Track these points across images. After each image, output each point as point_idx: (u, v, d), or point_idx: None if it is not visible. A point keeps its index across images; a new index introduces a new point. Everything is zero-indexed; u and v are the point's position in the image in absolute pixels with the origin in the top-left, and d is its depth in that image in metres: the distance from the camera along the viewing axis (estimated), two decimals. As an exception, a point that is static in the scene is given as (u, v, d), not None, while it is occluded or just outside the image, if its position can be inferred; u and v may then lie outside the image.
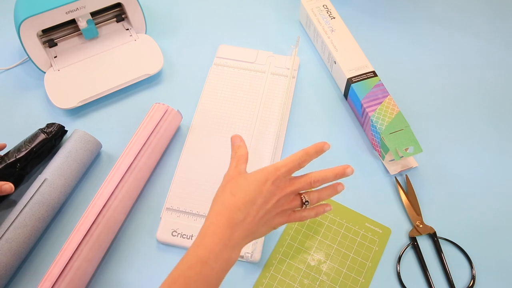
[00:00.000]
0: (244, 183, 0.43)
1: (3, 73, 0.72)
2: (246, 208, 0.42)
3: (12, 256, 0.52)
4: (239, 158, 0.46)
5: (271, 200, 0.43)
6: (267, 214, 0.43)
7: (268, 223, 0.44)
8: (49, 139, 0.60)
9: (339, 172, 0.47)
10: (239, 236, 0.41)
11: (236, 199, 0.42)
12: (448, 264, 0.54)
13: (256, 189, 0.42)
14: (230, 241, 0.40)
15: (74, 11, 0.65)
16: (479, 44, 0.75)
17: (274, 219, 0.45)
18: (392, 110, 0.61)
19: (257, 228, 0.43)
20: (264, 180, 0.43)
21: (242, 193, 0.42)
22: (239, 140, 0.48)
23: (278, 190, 0.44)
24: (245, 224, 0.41)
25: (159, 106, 0.62)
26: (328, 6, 0.72)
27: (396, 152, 0.58)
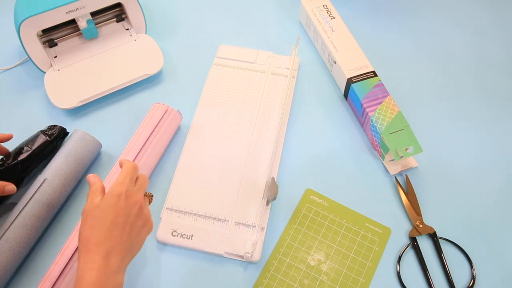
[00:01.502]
0: (99, 212, 0.43)
1: (3, 73, 0.72)
2: (111, 233, 0.42)
3: (12, 256, 0.52)
4: (93, 191, 0.45)
5: (132, 211, 0.44)
6: (134, 227, 0.44)
7: (138, 232, 0.45)
8: (51, 141, 0.60)
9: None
10: (116, 261, 0.41)
11: (99, 230, 0.42)
12: (448, 264, 0.54)
13: (113, 211, 0.42)
14: (110, 269, 0.40)
15: (74, 11, 0.65)
16: (478, 43, 0.75)
17: (146, 224, 0.46)
18: (392, 110, 0.61)
19: (132, 242, 0.43)
20: (116, 200, 0.43)
21: (102, 222, 0.42)
22: (93, 178, 0.47)
23: (135, 198, 0.44)
24: (117, 247, 0.42)
25: (159, 106, 0.62)
26: (328, 6, 0.72)
27: (396, 152, 0.58)
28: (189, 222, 0.57)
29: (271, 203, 0.58)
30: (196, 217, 0.57)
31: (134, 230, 0.44)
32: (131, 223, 0.43)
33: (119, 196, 0.43)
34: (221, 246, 0.55)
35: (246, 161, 0.61)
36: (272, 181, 0.58)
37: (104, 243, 0.41)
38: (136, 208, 0.44)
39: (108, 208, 0.43)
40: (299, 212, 0.58)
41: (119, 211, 0.43)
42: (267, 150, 0.62)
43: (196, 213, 0.57)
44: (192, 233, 0.56)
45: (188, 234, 0.56)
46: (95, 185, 0.46)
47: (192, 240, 0.55)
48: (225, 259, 0.55)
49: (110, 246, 0.41)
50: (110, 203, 0.43)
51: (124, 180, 0.45)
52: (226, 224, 0.57)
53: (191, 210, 0.58)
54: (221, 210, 0.58)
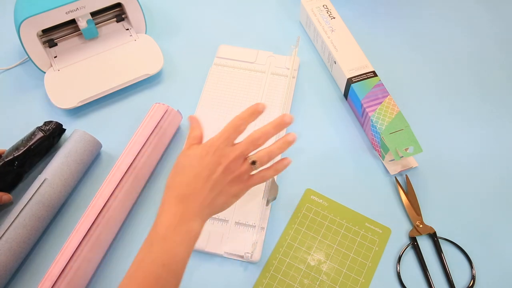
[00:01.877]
0: (186, 161, 0.45)
1: (3, 73, 0.72)
2: (192, 182, 0.43)
3: (12, 256, 0.52)
4: (192, 138, 0.47)
5: (217, 170, 0.44)
6: (217, 184, 0.44)
7: (223, 193, 0.45)
8: (47, 137, 0.60)
9: (278, 122, 0.46)
10: (194, 208, 0.42)
11: (182, 177, 0.44)
12: (448, 264, 0.54)
13: (198, 164, 0.44)
14: (185, 214, 0.42)
15: (74, 11, 0.65)
16: (479, 43, 0.75)
17: (231, 188, 0.45)
18: (392, 110, 0.61)
19: (212, 199, 0.44)
20: (205, 154, 0.44)
21: (186, 170, 0.44)
22: (195, 121, 0.48)
23: (223, 159, 0.44)
24: (196, 196, 0.43)
25: (159, 106, 0.62)
26: (328, 6, 0.72)
27: (396, 152, 0.58)
28: (189, 222, 0.57)
29: (271, 203, 0.58)
30: (196, 217, 0.57)
31: (216, 188, 0.44)
32: (215, 180, 0.44)
33: (207, 151, 0.44)
34: (221, 246, 0.55)
35: (246, 161, 0.61)
36: (272, 181, 0.58)
37: (183, 189, 0.43)
38: (221, 167, 0.44)
39: (195, 159, 0.44)
40: (299, 212, 0.58)
41: (204, 165, 0.44)
42: (267, 150, 0.62)
43: (196, 213, 0.57)
44: (192, 233, 0.56)
45: (188, 234, 0.56)
46: (193, 132, 0.48)
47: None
48: (225, 259, 0.55)
49: (188, 194, 0.43)
50: (198, 155, 0.44)
51: (220, 138, 0.45)
52: (226, 224, 0.57)
53: (191, 210, 0.58)
54: (221, 210, 0.58)
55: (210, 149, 0.44)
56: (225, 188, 0.45)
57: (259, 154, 0.47)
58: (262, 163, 0.47)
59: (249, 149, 0.46)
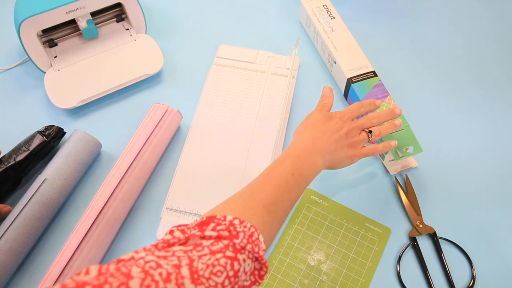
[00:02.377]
0: (318, 117, 0.54)
1: (3, 73, 0.72)
2: (321, 129, 0.52)
3: (12, 256, 0.52)
4: (323, 105, 0.55)
5: (342, 129, 0.52)
6: (340, 140, 0.52)
7: (343, 149, 0.52)
8: (48, 141, 0.60)
9: (391, 111, 0.56)
10: (320, 148, 0.50)
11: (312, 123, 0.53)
12: (448, 264, 0.54)
13: (327, 122, 0.53)
14: (314, 149, 0.50)
15: (74, 11, 0.65)
16: (479, 43, 0.75)
17: (349, 149, 0.53)
18: (392, 110, 0.61)
19: (334, 148, 0.51)
20: (334, 118, 0.54)
21: (318, 122, 0.53)
22: (329, 91, 0.57)
23: (346, 125, 0.53)
24: (323, 140, 0.51)
25: (159, 106, 0.62)
26: (328, 6, 0.72)
27: (396, 152, 0.58)
28: (189, 222, 0.57)
29: (271, 203, 0.58)
30: (196, 217, 0.57)
31: (338, 143, 0.52)
32: (338, 136, 0.52)
33: (336, 117, 0.54)
34: (221, 246, 0.55)
35: (246, 161, 0.61)
36: (272, 181, 0.58)
37: (314, 131, 0.51)
38: (344, 130, 0.52)
39: (325, 118, 0.53)
40: (299, 212, 0.58)
41: (332, 124, 0.52)
42: (267, 150, 0.62)
43: (196, 213, 0.57)
44: (192, 233, 0.56)
45: (188, 234, 0.56)
46: (326, 99, 0.56)
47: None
48: (225, 259, 0.55)
49: (319, 137, 0.51)
50: (328, 116, 0.53)
51: (346, 111, 0.55)
52: (226, 224, 0.57)
53: (191, 210, 0.58)
54: (221, 210, 0.57)
55: (338, 115, 0.54)
56: (345, 146, 0.52)
57: (374, 129, 0.55)
58: (375, 135, 0.55)
59: (366, 124, 0.55)
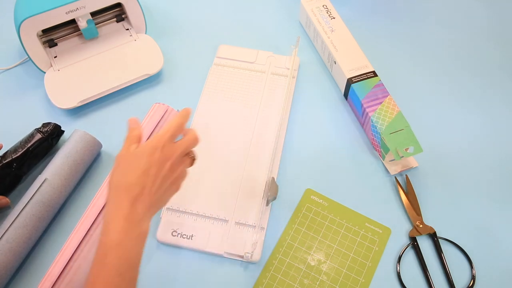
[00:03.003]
0: (133, 159, 0.43)
1: (3, 73, 0.72)
2: (140, 181, 0.42)
3: (12, 256, 0.52)
4: (131, 138, 0.46)
5: (165, 166, 0.44)
6: (166, 180, 0.44)
7: (169, 188, 0.45)
8: (45, 138, 0.60)
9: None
10: (143, 209, 0.42)
11: (129, 176, 0.42)
12: (448, 264, 0.54)
13: (147, 161, 0.43)
14: (135, 216, 0.41)
15: (74, 11, 0.65)
16: (479, 43, 0.75)
17: (175, 183, 0.46)
18: (392, 110, 0.61)
19: (159, 196, 0.44)
20: (153, 151, 0.44)
21: (134, 169, 0.43)
22: (134, 123, 0.48)
23: (170, 154, 0.45)
24: (145, 196, 0.42)
25: (159, 106, 0.62)
26: (328, 6, 0.72)
27: (396, 152, 0.58)
28: (189, 222, 0.57)
29: (271, 203, 0.58)
30: (196, 217, 0.57)
31: (164, 184, 0.44)
32: (163, 177, 0.44)
33: (155, 148, 0.44)
34: (221, 246, 0.55)
35: (246, 161, 0.61)
36: (272, 181, 0.58)
37: (133, 190, 0.42)
38: (169, 163, 0.44)
39: (142, 157, 0.43)
40: (299, 212, 0.58)
41: (152, 162, 0.43)
42: (267, 150, 0.62)
43: (196, 213, 0.57)
44: (192, 233, 0.56)
45: (188, 234, 0.56)
46: (134, 131, 0.47)
47: (192, 240, 0.55)
48: (225, 259, 0.55)
49: (138, 194, 0.42)
50: (145, 152, 0.44)
51: (165, 135, 0.45)
52: (226, 224, 0.57)
53: (191, 210, 0.58)
54: (221, 210, 0.58)
55: (158, 145, 0.44)
56: (171, 184, 0.45)
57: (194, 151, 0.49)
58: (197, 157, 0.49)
59: (191, 146, 0.48)
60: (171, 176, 0.45)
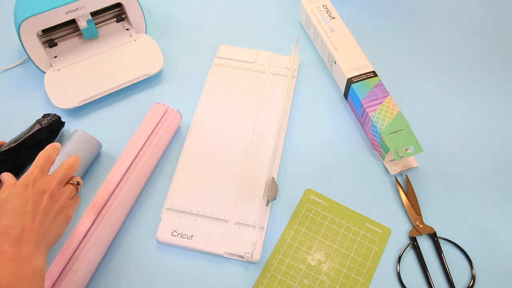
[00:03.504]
0: (6, 204, 0.43)
1: (3, 73, 0.72)
2: (18, 221, 0.41)
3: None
4: (4, 188, 0.45)
5: (42, 200, 0.43)
6: (47, 213, 0.43)
7: (56, 220, 0.44)
8: (44, 129, 0.60)
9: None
10: (29, 247, 0.41)
11: (6, 221, 0.41)
12: (448, 264, 0.54)
13: (19, 201, 0.42)
14: (22, 256, 0.40)
15: (74, 11, 0.65)
16: (479, 42, 0.75)
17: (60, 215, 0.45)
18: (392, 110, 0.61)
19: (45, 230, 0.43)
20: (24, 188, 0.43)
21: (9, 212, 0.42)
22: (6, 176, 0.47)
23: (45, 187, 0.44)
24: (28, 234, 0.41)
25: (159, 106, 0.62)
26: (328, 6, 0.72)
27: (397, 152, 0.58)
28: (189, 222, 0.57)
29: (271, 203, 0.58)
30: (196, 217, 0.57)
31: (46, 218, 0.43)
32: (43, 211, 0.43)
33: (26, 185, 0.43)
34: (221, 246, 0.55)
35: (246, 161, 0.61)
36: (272, 181, 0.58)
37: (11, 232, 0.41)
38: (46, 196, 0.44)
39: (14, 198, 0.43)
40: (299, 212, 0.58)
41: (27, 200, 0.42)
42: (267, 150, 0.62)
43: (196, 213, 0.57)
44: (192, 233, 0.56)
45: (188, 234, 0.56)
46: (6, 182, 0.46)
47: (192, 240, 0.55)
48: (225, 259, 0.55)
49: (19, 234, 0.41)
50: (16, 193, 0.43)
51: (33, 170, 0.45)
52: (226, 224, 0.57)
53: (191, 210, 0.58)
54: (221, 210, 0.58)
55: (29, 182, 0.43)
56: (57, 215, 0.44)
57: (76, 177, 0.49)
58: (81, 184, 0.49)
59: (69, 173, 0.47)
60: (53, 208, 0.44)
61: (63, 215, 0.46)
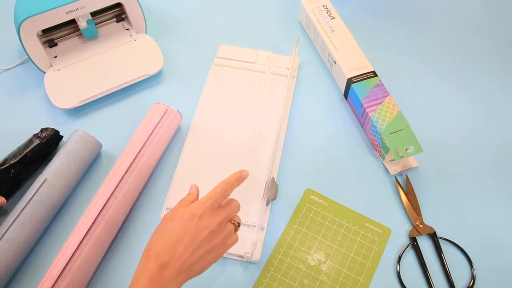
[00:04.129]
0: (170, 224, 0.44)
1: (3, 73, 0.72)
2: (172, 248, 0.42)
3: (12, 256, 0.52)
4: (183, 201, 0.46)
5: (201, 234, 0.43)
6: (199, 249, 0.43)
7: (203, 258, 0.44)
8: (43, 144, 0.60)
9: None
10: (170, 275, 0.41)
11: (163, 241, 0.43)
12: (448, 264, 0.54)
13: (183, 227, 0.43)
14: (162, 280, 0.41)
15: (74, 11, 0.65)
16: (480, 42, 0.75)
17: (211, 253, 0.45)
18: (392, 110, 0.61)
19: (190, 265, 0.43)
20: (191, 217, 0.43)
21: (168, 234, 0.43)
22: (193, 189, 0.49)
23: (209, 223, 0.44)
24: (175, 263, 0.42)
25: (159, 106, 0.62)
26: (328, 6, 0.72)
27: (397, 152, 0.58)
28: (189, 222, 0.57)
29: (271, 203, 0.58)
30: (196, 217, 0.57)
31: (197, 253, 0.43)
32: (197, 245, 0.43)
33: (193, 215, 0.43)
34: (221, 246, 0.55)
35: (246, 161, 0.61)
36: (272, 181, 0.58)
37: (163, 255, 0.42)
38: (206, 232, 0.43)
39: (179, 223, 0.43)
40: (299, 212, 0.58)
41: (188, 230, 0.43)
42: (267, 150, 0.62)
43: (196, 213, 0.57)
44: (192, 233, 0.56)
45: (188, 234, 0.56)
46: (188, 196, 0.47)
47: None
48: (225, 259, 0.55)
49: (167, 260, 0.41)
50: (184, 218, 0.43)
51: (207, 202, 0.45)
52: (226, 224, 0.57)
53: (191, 210, 0.58)
54: (221, 210, 0.58)
55: (197, 212, 0.44)
56: (205, 253, 0.44)
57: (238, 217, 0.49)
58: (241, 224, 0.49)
59: (233, 213, 0.47)
60: (207, 245, 0.44)
61: (214, 255, 0.45)
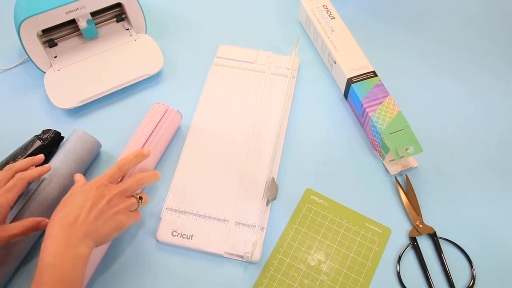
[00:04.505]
0: (71, 198, 0.48)
1: (3, 73, 0.72)
2: (75, 211, 0.46)
3: (12, 256, 0.51)
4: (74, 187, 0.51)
5: (100, 202, 0.48)
6: (102, 214, 0.47)
7: (108, 222, 0.48)
8: (45, 145, 0.60)
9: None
10: (78, 235, 0.45)
11: (66, 209, 0.47)
12: (448, 264, 0.54)
13: (83, 197, 0.48)
14: (70, 241, 0.44)
15: (74, 11, 0.65)
16: (480, 42, 0.75)
17: (115, 218, 0.48)
18: (392, 110, 0.61)
19: (96, 227, 0.46)
20: (88, 190, 0.48)
21: (70, 204, 0.47)
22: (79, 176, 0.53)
23: (106, 192, 0.49)
24: (79, 224, 0.45)
25: (159, 106, 0.62)
26: (328, 6, 0.72)
27: (397, 152, 0.58)
28: (189, 222, 0.57)
29: (271, 203, 0.58)
30: (196, 217, 0.57)
31: (101, 217, 0.47)
32: (99, 210, 0.47)
33: (91, 187, 0.49)
34: (221, 246, 0.55)
35: (246, 161, 0.61)
36: (272, 181, 0.58)
37: (66, 219, 0.45)
38: (104, 200, 0.48)
39: (79, 194, 0.48)
40: (299, 212, 0.58)
41: (88, 197, 0.47)
42: (267, 150, 0.62)
43: (196, 213, 0.57)
44: (192, 233, 0.56)
45: (188, 234, 0.56)
46: (78, 182, 0.52)
47: (192, 240, 0.55)
48: (225, 259, 0.55)
49: (71, 222, 0.45)
50: (82, 191, 0.48)
51: (103, 177, 0.50)
52: (226, 224, 0.57)
53: (191, 210, 0.58)
54: (221, 210, 0.58)
55: (94, 185, 0.49)
56: (109, 218, 0.48)
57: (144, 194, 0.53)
58: (145, 202, 0.53)
59: (134, 187, 0.51)
60: (108, 212, 0.48)
61: (117, 221, 0.49)
